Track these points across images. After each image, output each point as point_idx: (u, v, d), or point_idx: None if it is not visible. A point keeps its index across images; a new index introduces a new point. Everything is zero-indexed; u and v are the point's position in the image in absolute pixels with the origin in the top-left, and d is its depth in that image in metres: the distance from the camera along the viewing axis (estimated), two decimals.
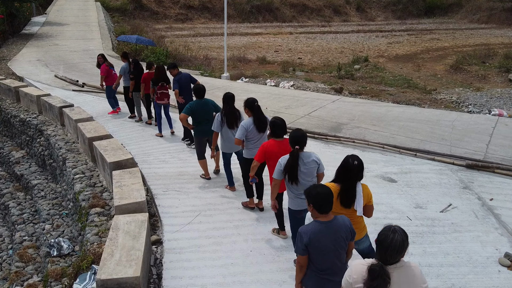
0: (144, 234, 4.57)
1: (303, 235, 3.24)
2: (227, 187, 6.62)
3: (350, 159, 3.73)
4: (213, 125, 6.19)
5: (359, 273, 2.77)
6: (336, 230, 3.27)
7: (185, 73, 8.79)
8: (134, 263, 4.07)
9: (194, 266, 4.63)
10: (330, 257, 3.26)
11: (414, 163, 7.58)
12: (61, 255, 7.03)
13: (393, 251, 2.69)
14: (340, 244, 3.29)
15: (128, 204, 5.32)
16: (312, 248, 3.22)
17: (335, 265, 3.30)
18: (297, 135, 4.30)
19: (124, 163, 6.72)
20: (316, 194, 3.25)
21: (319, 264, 3.28)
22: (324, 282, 3.33)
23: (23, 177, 10.31)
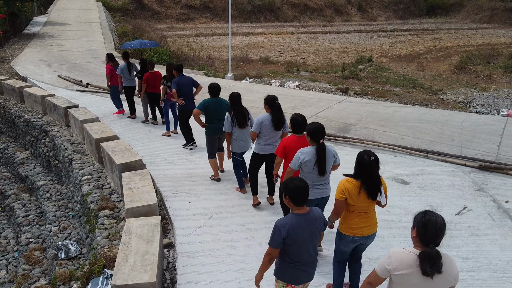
0: (158, 238, 4.48)
1: (281, 228, 3.25)
2: (237, 189, 6.55)
3: (365, 156, 3.72)
4: (224, 126, 6.19)
5: (401, 260, 2.82)
6: (312, 222, 3.35)
7: (187, 76, 8.66)
8: (149, 268, 3.97)
9: (208, 271, 4.54)
10: (305, 249, 3.33)
11: (425, 164, 7.49)
12: (68, 257, 6.96)
13: (438, 231, 2.78)
14: (315, 235, 3.38)
15: (139, 207, 5.23)
16: (289, 240, 3.26)
17: (310, 256, 3.39)
18: (318, 128, 4.40)
19: (132, 165, 6.63)
20: (294, 187, 3.28)
21: (295, 256, 3.32)
22: (299, 273, 3.40)
23: (27, 178, 10.21)
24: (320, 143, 4.37)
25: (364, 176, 3.73)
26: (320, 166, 4.39)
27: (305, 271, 3.42)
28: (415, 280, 2.81)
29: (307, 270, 3.43)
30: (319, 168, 4.39)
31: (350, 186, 3.76)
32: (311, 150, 4.43)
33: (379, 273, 2.96)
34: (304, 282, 3.52)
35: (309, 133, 4.43)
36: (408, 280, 2.84)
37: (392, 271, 2.86)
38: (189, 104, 8.30)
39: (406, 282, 2.85)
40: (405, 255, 2.84)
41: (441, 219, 2.83)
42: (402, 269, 2.82)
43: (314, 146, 4.43)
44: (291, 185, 3.30)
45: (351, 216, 3.85)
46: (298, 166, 4.46)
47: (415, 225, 2.87)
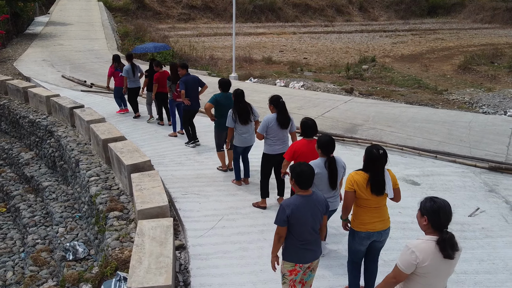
0: (171, 240, 4.44)
1: (285, 207, 3.51)
2: (233, 181, 6.73)
3: (373, 149, 3.78)
4: (227, 121, 6.34)
5: (425, 251, 2.88)
6: (315, 204, 3.59)
7: (193, 75, 8.64)
8: (164, 271, 3.93)
9: (222, 273, 4.50)
10: (308, 228, 3.56)
11: (435, 165, 7.45)
12: (76, 259, 6.92)
13: (447, 214, 2.90)
14: (317, 216, 3.60)
15: (150, 209, 5.19)
16: (293, 219, 3.50)
17: (312, 235, 3.59)
18: (328, 142, 4.37)
19: (141, 166, 6.58)
20: (300, 171, 3.54)
21: (298, 235, 3.54)
22: (303, 251, 3.59)
23: (33, 179, 10.17)
24: (330, 157, 4.38)
25: (372, 170, 3.79)
26: (331, 179, 4.39)
27: (310, 249, 3.61)
28: (438, 265, 2.89)
29: (312, 248, 3.62)
30: (330, 181, 4.39)
31: (358, 178, 3.81)
32: (320, 162, 4.40)
33: (404, 270, 2.96)
34: (310, 261, 3.66)
35: (320, 146, 4.41)
36: (433, 267, 2.89)
37: (419, 264, 2.89)
38: (195, 105, 8.32)
39: (430, 270, 2.90)
40: (425, 245, 2.90)
41: (447, 203, 2.94)
42: (427, 259, 2.88)
43: (324, 159, 4.41)
44: (298, 169, 3.57)
45: (362, 211, 3.87)
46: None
47: (424, 213, 2.94)
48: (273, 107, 5.80)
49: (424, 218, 2.93)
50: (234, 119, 6.25)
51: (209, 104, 6.95)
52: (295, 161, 4.86)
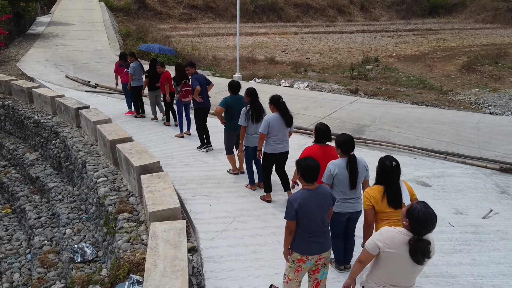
0: (185, 242, 4.39)
1: (293, 202, 3.61)
2: (247, 186, 6.64)
3: (387, 161, 3.80)
4: (240, 120, 6.31)
5: (392, 238, 2.98)
6: (321, 197, 3.69)
7: (201, 74, 8.68)
8: (180, 275, 3.88)
9: (236, 276, 4.45)
10: (315, 221, 3.65)
11: (445, 166, 7.40)
12: (85, 261, 6.87)
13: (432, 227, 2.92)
14: (324, 208, 3.70)
15: (162, 211, 5.13)
16: (301, 213, 3.60)
17: (320, 228, 3.69)
18: (348, 140, 4.37)
19: (150, 167, 6.53)
20: (305, 166, 3.64)
21: (306, 227, 3.64)
22: (310, 243, 3.68)
23: (38, 180, 10.12)
24: (351, 155, 4.36)
25: (387, 182, 3.78)
26: (351, 179, 4.33)
27: (317, 242, 3.70)
28: (402, 261, 2.96)
29: (319, 241, 3.70)
30: (351, 181, 4.33)
31: (374, 192, 3.81)
32: (341, 162, 4.38)
33: (370, 250, 3.09)
34: (318, 253, 3.73)
35: (338, 145, 4.40)
36: (395, 259, 2.98)
37: (382, 248, 3.00)
38: (206, 102, 8.32)
39: (393, 260, 2.99)
40: (396, 234, 2.99)
41: (434, 215, 2.94)
42: (392, 248, 2.97)
43: (344, 159, 4.38)
44: (303, 163, 3.67)
45: (383, 225, 3.72)
46: (330, 179, 4.38)
47: (407, 217, 2.96)
48: (274, 107, 5.88)
49: (406, 220, 2.98)
50: (248, 117, 6.25)
51: (220, 107, 6.90)
52: None
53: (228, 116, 6.98)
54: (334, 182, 4.41)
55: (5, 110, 12.44)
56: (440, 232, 5.14)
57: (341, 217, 4.48)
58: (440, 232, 5.15)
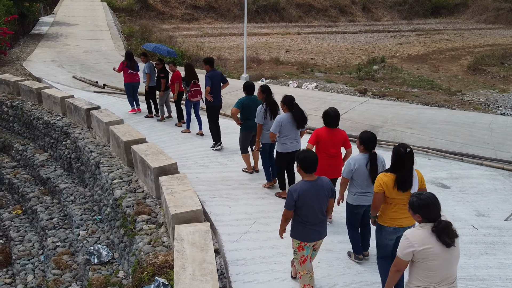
0: (211, 245, 4.36)
1: (293, 192, 3.86)
2: (264, 186, 6.70)
3: (401, 148, 3.93)
4: (257, 118, 6.41)
5: (418, 236, 3.05)
6: (319, 188, 3.92)
7: (218, 70, 8.67)
8: (210, 278, 3.85)
9: (263, 279, 4.42)
10: (314, 210, 3.91)
11: (461, 167, 7.38)
12: (101, 262, 6.84)
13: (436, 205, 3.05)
14: (322, 199, 3.95)
15: (184, 213, 5.10)
16: (300, 202, 3.86)
17: (317, 217, 3.94)
18: (371, 137, 4.54)
19: (168, 168, 6.50)
20: (304, 157, 3.88)
21: (305, 216, 3.91)
22: (308, 231, 3.97)
23: (49, 181, 10.08)
24: (372, 153, 4.54)
25: (401, 168, 3.92)
26: (372, 175, 4.48)
27: (315, 230, 3.99)
28: (437, 252, 3.02)
29: (316, 229, 3.99)
30: (371, 177, 4.48)
31: (387, 179, 3.96)
32: (361, 158, 4.55)
33: (402, 257, 3.15)
34: (314, 240, 4.05)
35: (362, 142, 4.54)
36: (431, 254, 3.02)
37: (416, 250, 3.05)
38: (217, 100, 8.32)
39: (429, 256, 3.03)
40: (419, 231, 3.08)
41: (434, 196, 3.11)
42: (423, 245, 3.03)
43: (365, 155, 4.56)
44: (301, 155, 3.93)
45: (390, 208, 4.03)
46: (350, 173, 4.59)
47: (415, 211, 3.11)
48: (286, 108, 5.96)
49: (417, 215, 3.12)
50: (265, 114, 6.35)
51: (236, 108, 6.99)
52: (317, 146, 5.33)
53: (244, 117, 7.04)
54: (353, 177, 4.59)
55: (14, 110, 12.40)
56: (464, 235, 5.11)
57: (357, 209, 4.70)
58: (464, 235, 5.13)
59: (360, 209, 4.69)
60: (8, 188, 11.02)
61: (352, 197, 4.68)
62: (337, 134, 5.35)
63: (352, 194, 4.68)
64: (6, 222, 9.84)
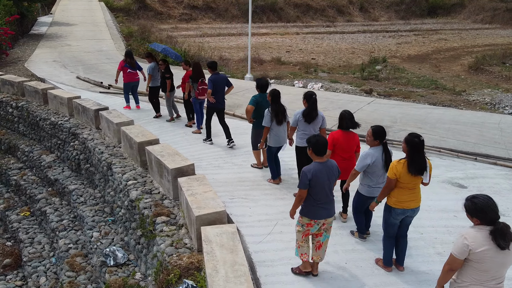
0: (241, 247, 4.34)
1: (307, 173, 4.23)
2: (269, 181, 6.84)
3: (414, 138, 4.21)
4: (264, 121, 6.55)
5: (476, 238, 3.07)
6: (329, 169, 4.33)
7: (222, 74, 8.72)
8: (244, 280, 3.83)
9: (293, 281, 4.40)
10: (325, 190, 4.27)
11: (476, 167, 7.40)
12: (117, 264, 6.80)
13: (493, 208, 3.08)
14: (332, 179, 4.36)
15: (208, 214, 5.07)
16: (313, 182, 4.21)
17: (327, 196, 4.32)
18: (382, 130, 4.79)
19: (185, 170, 6.47)
20: (316, 142, 4.28)
21: (316, 195, 4.25)
22: (319, 209, 4.29)
23: (57, 182, 10.00)
24: (384, 143, 4.81)
25: (414, 156, 4.17)
26: (386, 164, 4.71)
27: (324, 208, 4.32)
28: (493, 254, 3.05)
29: (326, 207, 4.32)
30: (386, 166, 4.71)
31: (400, 166, 4.23)
32: (377, 151, 4.77)
33: (458, 255, 3.16)
34: (324, 217, 4.34)
35: (376, 135, 4.74)
36: (487, 255, 3.06)
37: (472, 250, 3.07)
38: (220, 103, 8.40)
39: (484, 257, 3.06)
40: (478, 233, 3.09)
41: (489, 198, 3.14)
42: (480, 246, 3.06)
43: (379, 147, 4.78)
44: (313, 140, 4.32)
45: (402, 192, 4.31)
46: (365, 168, 4.82)
47: (473, 215, 3.15)
48: (306, 102, 6.16)
49: (475, 219, 3.16)
50: (271, 118, 6.48)
51: (251, 106, 7.09)
52: (333, 151, 5.46)
53: (257, 114, 7.11)
54: (368, 170, 4.82)
55: (19, 111, 12.30)
56: None
57: (369, 199, 4.94)
58: None
59: (371, 200, 4.93)
60: (15, 189, 10.93)
61: (367, 189, 4.91)
62: (352, 138, 5.52)
63: (367, 187, 4.91)
64: (15, 224, 9.76)
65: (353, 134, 5.57)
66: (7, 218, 10.10)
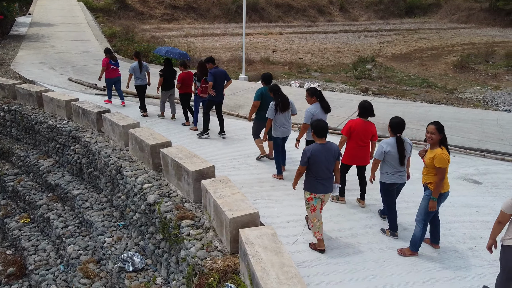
0: (284, 248, 4.32)
1: (307, 151, 4.86)
2: (274, 176, 7.02)
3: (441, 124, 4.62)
4: (268, 113, 6.90)
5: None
6: (328, 150, 4.90)
7: (221, 69, 9.01)
8: (296, 281, 3.82)
9: (335, 281, 4.42)
10: (322, 167, 4.85)
11: (485, 163, 7.59)
12: (136, 270, 6.67)
13: None
14: (330, 159, 4.91)
15: (241, 216, 5.03)
16: (312, 160, 4.83)
17: (325, 173, 4.89)
18: (400, 122, 5.14)
19: (206, 172, 6.40)
20: (316, 125, 4.91)
21: (316, 172, 4.86)
22: (318, 183, 4.90)
23: (58, 187, 9.74)
24: (397, 136, 5.11)
25: (444, 140, 4.62)
26: (400, 156, 5.08)
27: (323, 184, 4.92)
28: None
29: (324, 183, 4.93)
30: (400, 158, 5.09)
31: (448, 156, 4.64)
32: (392, 141, 5.14)
33: (505, 211, 3.73)
34: (322, 192, 4.95)
35: (391, 126, 5.17)
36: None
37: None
38: (219, 97, 8.77)
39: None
40: None
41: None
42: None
43: (394, 138, 5.14)
44: (314, 123, 4.97)
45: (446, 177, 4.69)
46: (382, 155, 5.14)
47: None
48: (311, 97, 6.61)
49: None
50: (275, 110, 6.82)
51: (257, 101, 7.49)
52: (349, 138, 5.85)
53: (260, 106, 7.49)
54: (386, 158, 5.14)
55: (12, 115, 11.92)
56: None
57: (392, 187, 5.24)
58: None
59: (393, 187, 5.23)
60: (12, 196, 10.59)
61: (386, 176, 5.21)
62: (369, 126, 5.89)
63: (386, 174, 5.21)
64: (15, 232, 9.46)
65: (370, 123, 5.92)
66: (6, 225, 9.78)
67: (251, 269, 4.12)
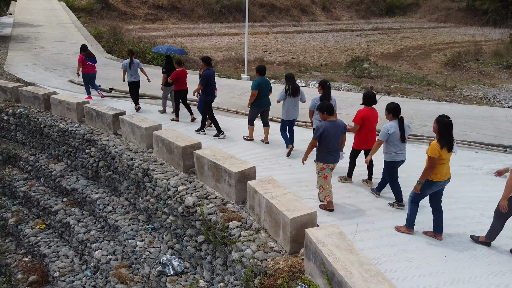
0: (356, 247, 4.37)
1: (320, 128, 5.78)
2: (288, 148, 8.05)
3: (444, 118, 5.02)
4: (279, 96, 8.04)
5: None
6: (337, 126, 5.83)
7: (212, 69, 9.32)
8: (381, 278, 3.87)
9: (403, 277, 4.49)
10: (333, 141, 5.76)
11: (508, 159, 7.83)
12: (177, 273, 6.61)
13: None
14: (338, 134, 5.83)
15: (301, 216, 5.05)
16: (324, 135, 5.73)
17: (334, 146, 5.80)
18: (397, 106, 5.94)
19: (247, 173, 6.40)
20: (326, 106, 5.80)
21: (327, 145, 5.76)
22: (328, 155, 5.80)
23: (75, 191, 9.53)
24: (400, 117, 5.92)
25: (446, 134, 4.95)
26: (402, 134, 5.88)
27: (333, 155, 5.83)
28: None
29: (334, 155, 5.84)
30: (401, 136, 5.88)
31: (438, 146, 4.94)
32: (394, 124, 5.90)
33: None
34: (333, 162, 5.87)
35: (390, 111, 5.94)
36: None
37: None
38: (212, 96, 9.14)
39: None
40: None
41: None
42: None
43: (395, 120, 5.92)
44: (324, 105, 5.83)
45: (442, 167, 5.04)
46: (386, 136, 5.86)
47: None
48: (321, 88, 7.43)
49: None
50: (285, 94, 7.89)
51: (256, 91, 8.28)
52: (362, 125, 6.59)
53: (257, 95, 8.31)
54: (390, 139, 5.87)
55: (17, 118, 11.57)
56: None
57: (396, 164, 6.00)
58: None
59: (398, 164, 6.01)
60: (23, 201, 10.30)
61: (391, 155, 5.95)
62: (375, 113, 6.75)
63: (392, 153, 5.94)
64: (31, 238, 9.22)
65: (375, 110, 6.78)
66: (21, 232, 9.51)
67: (329, 269, 4.14)
